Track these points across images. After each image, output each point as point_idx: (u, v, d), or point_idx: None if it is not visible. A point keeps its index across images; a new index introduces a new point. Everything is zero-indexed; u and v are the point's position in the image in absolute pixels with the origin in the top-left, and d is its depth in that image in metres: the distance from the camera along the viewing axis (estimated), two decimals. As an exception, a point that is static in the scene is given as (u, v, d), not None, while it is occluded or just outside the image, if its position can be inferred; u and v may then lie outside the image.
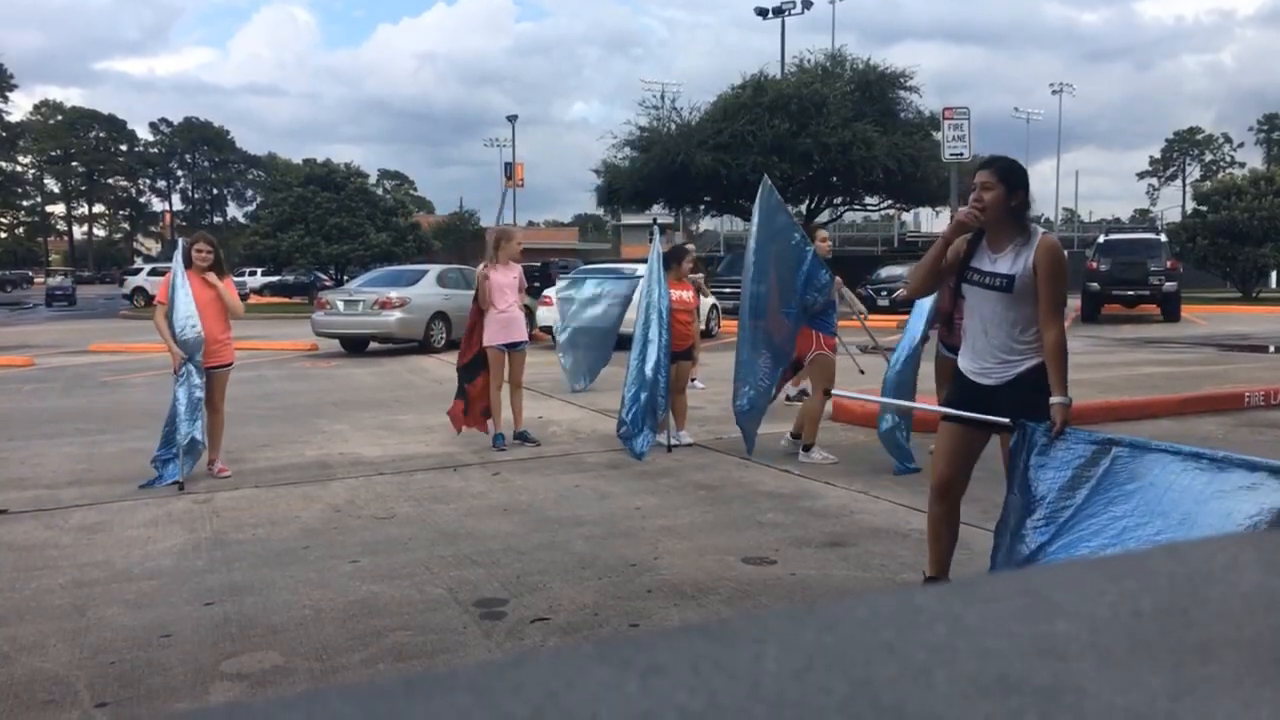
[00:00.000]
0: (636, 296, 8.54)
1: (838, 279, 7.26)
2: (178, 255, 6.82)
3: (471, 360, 8.09)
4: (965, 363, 4.02)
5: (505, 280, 7.96)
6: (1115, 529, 3.35)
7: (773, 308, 6.47)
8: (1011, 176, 3.87)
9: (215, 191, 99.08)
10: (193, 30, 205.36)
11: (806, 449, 7.18)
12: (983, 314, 3.91)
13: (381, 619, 4.08)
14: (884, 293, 24.82)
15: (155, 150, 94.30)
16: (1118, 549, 3.32)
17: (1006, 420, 3.76)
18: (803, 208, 36.28)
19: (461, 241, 55.92)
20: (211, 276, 6.90)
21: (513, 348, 7.97)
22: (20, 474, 7.13)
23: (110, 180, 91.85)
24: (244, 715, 0.53)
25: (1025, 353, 3.88)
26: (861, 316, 8.26)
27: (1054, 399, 3.74)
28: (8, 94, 75.43)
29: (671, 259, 8.13)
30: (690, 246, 9.26)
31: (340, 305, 16.81)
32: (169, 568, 4.83)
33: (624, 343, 8.43)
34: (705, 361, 10.98)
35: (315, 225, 36.32)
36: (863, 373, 8.25)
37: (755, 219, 6.42)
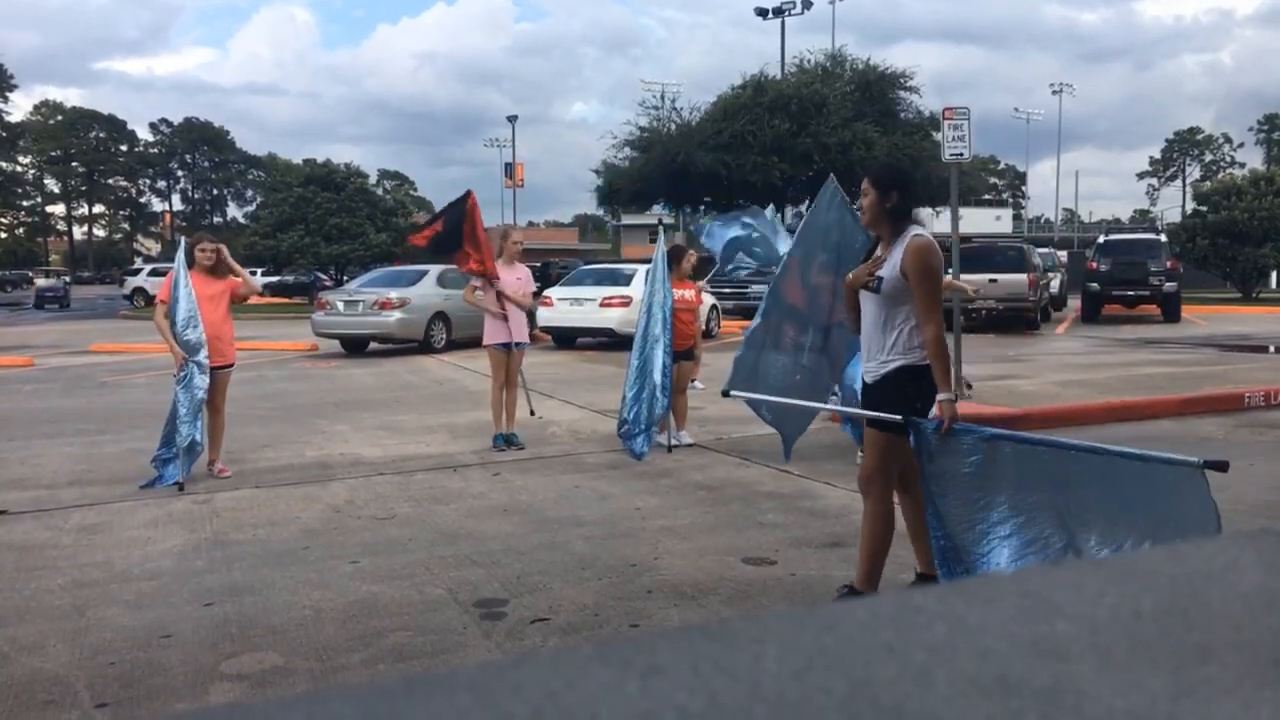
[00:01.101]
0: (638, 297, 8.48)
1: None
2: (180, 254, 6.84)
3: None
4: (862, 361, 4.25)
5: (508, 280, 7.94)
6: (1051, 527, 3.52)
7: (794, 289, 6.17)
8: (883, 180, 4.05)
9: (215, 192, 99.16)
10: (192, 30, 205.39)
11: None
12: (864, 315, 4.12)
13: (381, 619, 4.08)
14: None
15: (155, 150, 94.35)
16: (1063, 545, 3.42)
17: (893, 417, 3.91)
18: (802, 208, 36.29)
19: (461, 242, 55.84)
20: (228, 261, 6.97)
21: (514, 347, 7.94)
22: (20, 474, 7.13)
23: (110, 180, 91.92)
24: (244, 716, 0.53)
25: (894, 353, 4.01)
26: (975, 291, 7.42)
27: (940, 396, 3.84)
28: (8, 94, 75.52)
29: (673, 259, 8.11)
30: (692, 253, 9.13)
31: (340, 306, 16.81)
32: (169, 568, 4.83)
33: (625, 343, 8.42)
34: (706, 362, 10.98)
35: (315, 225, 36.32)
36: (970, 387, 7.35)
37: (809, 218, 6.25)
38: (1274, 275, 37.98)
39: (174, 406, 6.55)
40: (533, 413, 8.50)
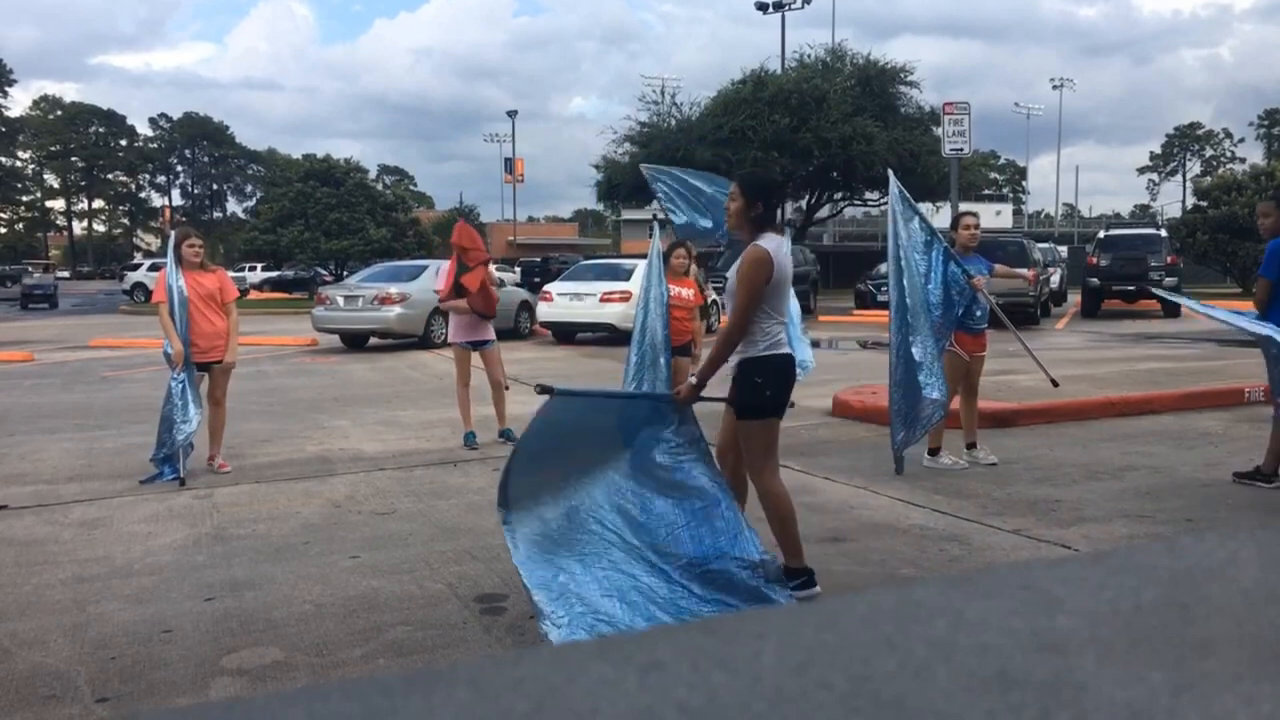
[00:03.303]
0: (638, 292, 8.42)
1: (977, 278, 6.56)
2: (170, 250, 6.85)
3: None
4: None
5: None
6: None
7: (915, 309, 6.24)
8: (750, 189, 4.28)
9: (215, 187, 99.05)
10: (188, 25, 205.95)
11: (932, 453, 6.79)
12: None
13: (382, 614, 4.08)
14: (883, 288, 24.74)
15: (155, 145, 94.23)
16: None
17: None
18: (803, 203, 36.25)
19: (461, 237, 55.76)
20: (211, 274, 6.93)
21: (479, 345, 7.89)
22: (20, 469, 7.13)
23: (110, 176, 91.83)
24: (245, 711, 0.53)
25: (739, 348, 4.32)
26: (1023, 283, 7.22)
27: (692, 378, 4.36)
28: (6, 89, 75.54)
29: (665, 255, 8.07)
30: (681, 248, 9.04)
31: (340, 301, 16.81)
32: (169, 563, 4.83)
33: (626, 338, 8.39)
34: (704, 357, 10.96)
35: (315, 220, 36.35)
36: (1056, 384, 7.03)
37: (891, 223, 6.34)
38: (1274, 270, 37.92)
39: (169, 404, 6.56)
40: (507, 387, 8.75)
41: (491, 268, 8.27)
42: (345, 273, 33.90)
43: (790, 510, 4.31)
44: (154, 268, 38.62)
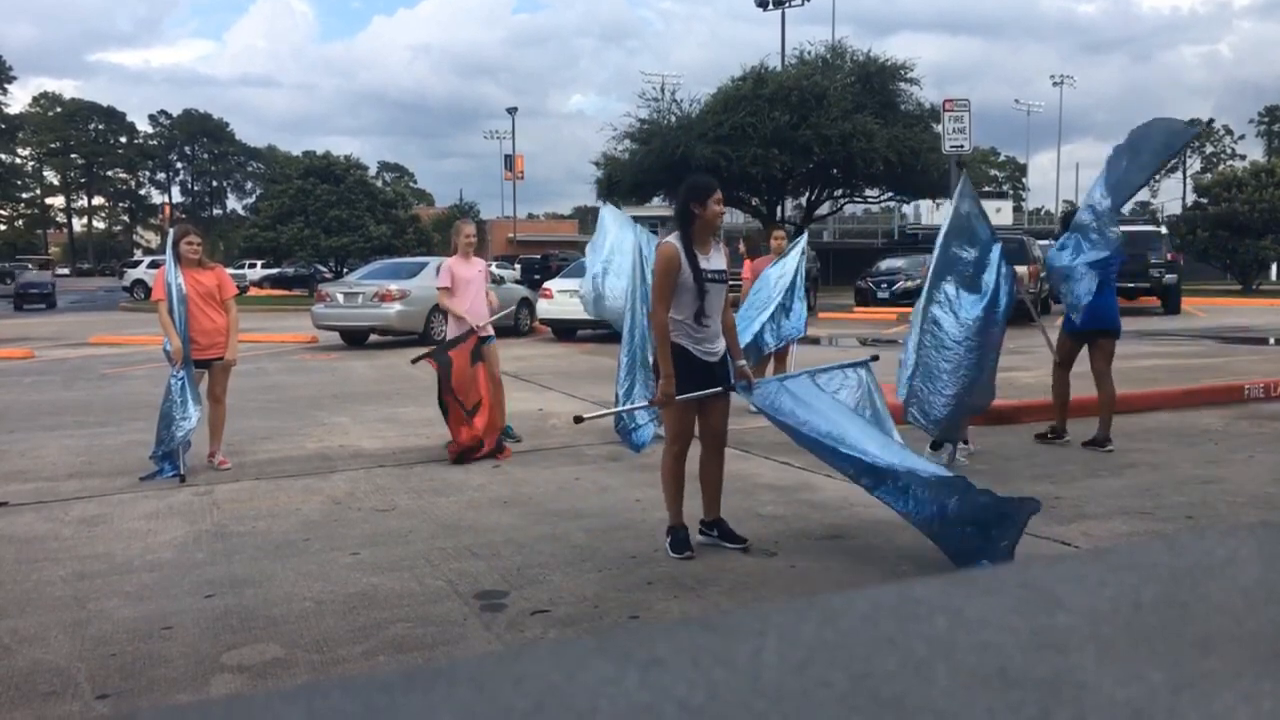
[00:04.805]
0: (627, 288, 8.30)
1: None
2: (169, 247, 6.86)
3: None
4: (694, 347, 4.75)
5: (469, 274, 7.82)
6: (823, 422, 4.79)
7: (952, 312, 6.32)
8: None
9: (215, 184, 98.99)
10: (187, 22, 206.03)
11: (935, 447, 6.80)
12: (712, 305, 4.74)
13: (382, 611, 4.08)
14: (883, 285, 24.76)
15: (154, 142, 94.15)
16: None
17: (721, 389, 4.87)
18: (803, 200, 36.23)
19: (461, 234, 55.69)
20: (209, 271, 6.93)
21: (479, 343, 7.85)
22: (20, 466, 7.13)
23: (109, 173, 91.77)
24: (245, 708, 0.53)
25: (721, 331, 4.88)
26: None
27: (741, 363, 5.00)
28: (6, 86, 75.50)
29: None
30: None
31: (340, 298, 16.80)
32: (169, 560, 4.84)
33: (618, 336, 8.37)
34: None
35: (315, 218, 36.31)
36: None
37: (947, 222, 6.39)
38: (1274, 267, 38.02)
39: (168, 402, 6.56)
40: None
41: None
42: (345, 270, 33.85)
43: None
44: (154, 265, 38.55)
